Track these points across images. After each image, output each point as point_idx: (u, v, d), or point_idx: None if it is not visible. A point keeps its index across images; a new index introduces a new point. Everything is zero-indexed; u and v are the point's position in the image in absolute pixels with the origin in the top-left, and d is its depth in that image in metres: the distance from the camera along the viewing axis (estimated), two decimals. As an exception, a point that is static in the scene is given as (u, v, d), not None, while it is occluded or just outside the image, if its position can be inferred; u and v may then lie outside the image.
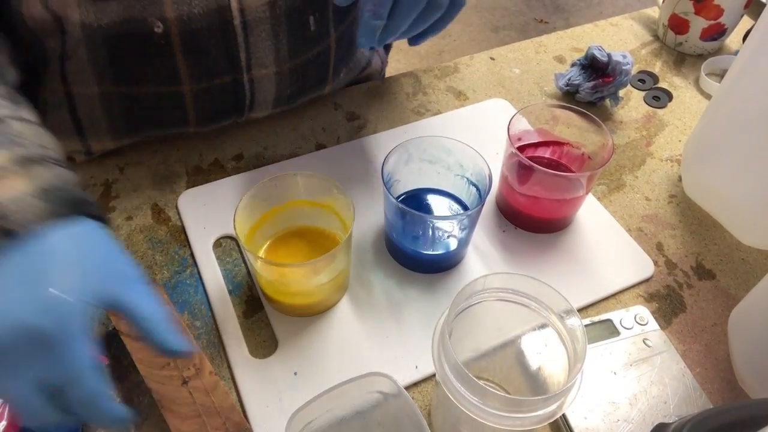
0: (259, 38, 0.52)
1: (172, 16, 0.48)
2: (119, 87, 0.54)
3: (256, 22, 0.51)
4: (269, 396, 0.45)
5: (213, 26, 0.50)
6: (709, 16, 0.72)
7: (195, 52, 0.51)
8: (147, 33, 0.49)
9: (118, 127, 0.57)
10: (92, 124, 0.57)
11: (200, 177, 0.60)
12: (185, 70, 0.52)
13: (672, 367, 0.47)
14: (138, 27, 0.48)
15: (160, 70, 0.52)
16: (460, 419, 0.39)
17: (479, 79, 0.72)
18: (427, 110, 0.68)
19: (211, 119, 0.59)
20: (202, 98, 0.55)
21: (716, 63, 0.73)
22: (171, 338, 0.34)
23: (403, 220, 0.49)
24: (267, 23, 0.52)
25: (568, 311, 0.38)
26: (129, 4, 0.47)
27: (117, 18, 0.48)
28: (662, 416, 0.44)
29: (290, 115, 0.65)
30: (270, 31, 0.52)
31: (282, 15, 0.52)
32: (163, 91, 0.54)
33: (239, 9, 0.50)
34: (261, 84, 0.56)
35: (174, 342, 0.34)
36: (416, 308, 0.50)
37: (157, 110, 0.56)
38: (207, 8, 0.49)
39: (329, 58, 0.60)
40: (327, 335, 0.48)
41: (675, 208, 0.60)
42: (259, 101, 0.58)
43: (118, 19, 0.48)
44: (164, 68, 0.52)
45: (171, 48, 0.50)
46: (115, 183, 0.59)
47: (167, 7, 0.48)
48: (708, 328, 0.51)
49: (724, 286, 0.54)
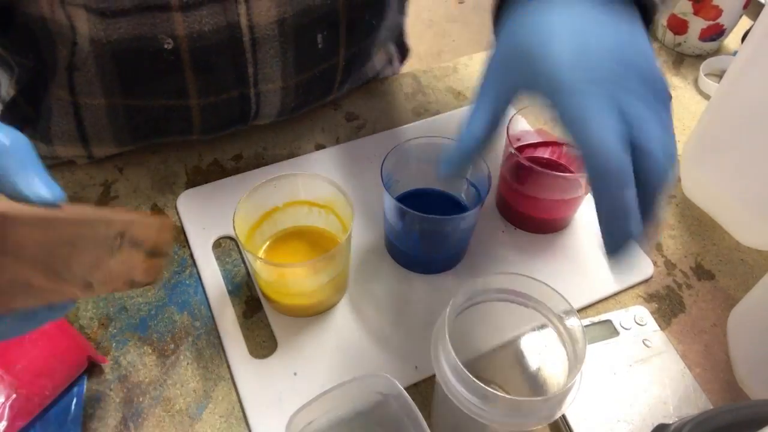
0: (267, 55, 0.53)
1: (183, 33, 0.48)
2: (126, 100, 0.54)
3: (265, 40, 0.51)
4: (269, 396, 0.45)
5: (222, 43, 0.50)
6: (707, 16, 0.72)
7: (204, 68, 0.51)
8: (157, 49, 0.49)
9: (123, 135, 0.58)
10: (97, 132, 0.57)
11: (200, 177, 0.60)
12: (194, 85, 0.53)
13: (672, 368, 0.47)
14: (148, 43, 0.48)
15: (168, 84, 0.52)
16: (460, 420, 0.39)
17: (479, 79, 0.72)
18: (426, 110, 0.68)
19: (215, 129, 0.59)
20: (208, 111, 0.56)
21: (715, 63, 0.73)
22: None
23: (403, 220, 0.49)
24: (276, 40, 0.52)
25: (567, 312, 0.38)
26: (139, 21, 0.47)
27: (127, 35, 0.48)
28: (662, 417, 0.44)
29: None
30: (278, 48, 0.52)
31: (290, 33, 0.52)
32: (170, 104, 0.54)
33: (248, 26, 0.50)
34: (267, 97, 0.57)
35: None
36: (416, 308, 0.50)
37: (163, 121, 0.56)
38: (217, 26, 0.49)
39: (336, 74, 0.60)
40: (327, 335, 0.48)
41: (674, 208, 0.60)
42: (263, 113, 0.59)
43: (127, 36, 0.48)
44: (173, 83, 0.52)
45: (180, 64, 0.50)
46: (114, 183, 0.59)
47: (178, 25, 0.48)
48: (707, 329, 0.51)
49: (724, 286, 0.54)
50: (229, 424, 0.44)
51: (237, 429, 0.44)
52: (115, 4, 0.46)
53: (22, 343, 0.43)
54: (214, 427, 0.44)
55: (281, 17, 0.50)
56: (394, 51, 0.73)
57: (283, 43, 0.52)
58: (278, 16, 0.50)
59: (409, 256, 0.52)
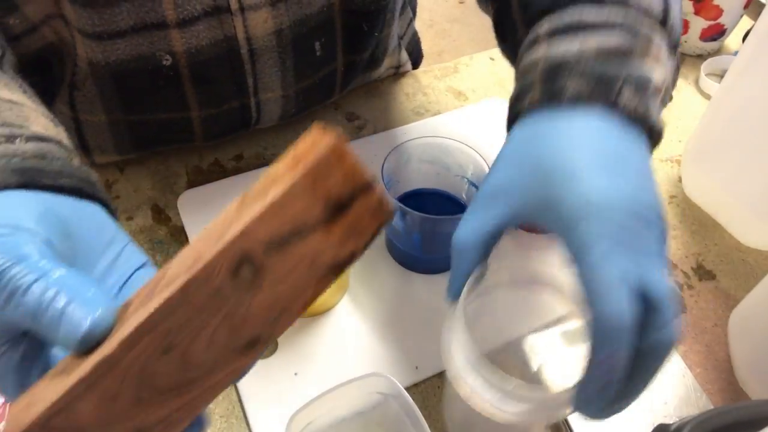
0: (266, 65, 0.53)
1: (181, 49, 0.48)
2: (128, 116, 0.54)
3: (263, 51, 0.51)
4: (269, 396, 0.45)
5: (221, 56, 0.50)
6: (708, 16, 0.72)
7: (203, 82, 0.52)
8: (156, 66, 0.49)
9: (125, 146, 0.58)
10: (99, 144, 0.57)
11: (200, 177, 0.60)
12: (194, 97, 0.53)
13: (672, 368, 0.47)
14: (146, 62, 0.48)
15: (169, 99, 0.52)
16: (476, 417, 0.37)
17: (479, 79, 0.72)
18: (426, 110, 0.68)
19: (217, 136, 0.60)
20: (209, 121, 0.56)
21: (716, 63, 0.73)
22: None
23: (403, 220, 0.49)
24: (274, 51, 0.52)
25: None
26: (137, 42, 0.47)
27: (125, 56, 0.48)
28: (662, 417, 0.44)
29: (290, 115, 0.65)
30: (277, 58, 0.53)
31: (288, 43, 0.52)
32: (171, 117, 0.54)
33: (246, 39, 0.50)
34: (267, 106, 0.57)
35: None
36: (416, 308, 0.50)
37: (165, 132, 0.57)
38: (214, 39, 0.49)
39: (336, 78, 0.60)
40: (327, 335, 0.48)
41: (675, 208, 0.60)
42: (265, 119, 0.59)
43: (125, 57, 0.48)
44: (173, 97, 0.52)
45: (180, 78, 0.50)
46: (115, 183, 0.59)
47: (175, 41, 0.48)
48: (708, 329, 0.51)
49: (725, 286, 0.54)
50: (229, 423, 0.44)
51: (237, 428, 0.44)
52: (110, 27, 0.46)
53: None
54: (215, 426, 0.44)
55: (278, 28, 0.50)
56: (405, 58, 0.72)
57: (281, 53, 0.52)
58: (275, 27, 0.50)
59: (409, 256, 0.52)
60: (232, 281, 0.20)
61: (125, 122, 0.55)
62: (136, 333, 0.19)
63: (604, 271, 0.28)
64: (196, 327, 0.20)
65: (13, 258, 0.23)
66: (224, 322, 0.21)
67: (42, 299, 0.22)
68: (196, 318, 0.20)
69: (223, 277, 0.20)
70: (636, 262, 0.29)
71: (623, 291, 0.28)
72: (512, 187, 0.33)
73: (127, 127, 0.55)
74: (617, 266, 0.28)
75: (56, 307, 0.21)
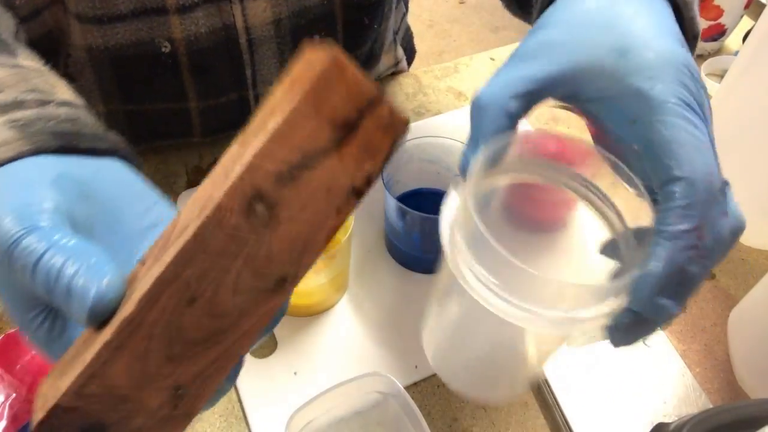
0: (264, 56, 0.53)
1: (180, 36, 0.48)
2: (126, 105, 0.54)
3: (262, 41, 0.51)
4: (269, 396, 0.45)
5: (219, 45, 0.50)
6: (709, 16, 0.72)
7: (202, 71, 0.52)
8: (154, 53, 0.49)
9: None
10: None
11: (200, 177, 0.60)
12: (192, 87, 0.53)
13: (671, 367, 0.47)
14: (145, 48, 0.49)
15: (167, 88, 0.52)
16: (458, 338, 0.31)
17: (479, 79, 0.72)
18: (427, 110, 0.68)
19: (215, 131, 0.59)
20: (208, 113, 0.56)
21: (716, 63, 0.73)
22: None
23: (403, 220, 0.49)
24: (272, 42, 0.52)
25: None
26: (137, 26, 0.47)
27: (124, 40, 0.48)
28: (662, 416, 0.44)
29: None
30: (275, 49, 0.53)
31: (287, 34, 0.52)
32: (169, 107, 0.54)
33: (245, 28, 0.50)
34: None
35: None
36: (416, 308, 0.50)
37: (163, 124, 0.57)
38: (213, 27, 0.49)
39: None
40: (327, 335, 0.48)
41: (675, 208, 0.60)
42: None
43: (125, 42, 0.48)
44: (171, 86, 0.52)
45: (178, 67, 0.51)
46: (115, 183, 0.59)
47: (174, 28, 0.48)
48: (708, 328, 0.51)
49: (724, 286, 0.54)
50: (228, 423, 0.44)
51: (237, 428, 0.44)
52: (111, 11, 0.46)
53: (22, 343, 0.43)
54: (214, 426, 0.44)
55: (277, 18, 0.51)
56: (402, 54, 0.73)
57: (280, 44, 0.52)
58: (274, 17, 0.50)
59: (409, 256, 0.52)
60: (247, 221, 0.19)
61: (123, 113, 0.54)
62: (155, 289, 0.19)
63: (694, 131, 0.27)
64: (218, 273, 0.20)
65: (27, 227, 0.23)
66: (247, 264, 0.20)
67: (49, 275, 0.22)
68: (217, 264, 0.19)
69: (237, 217, 0.19)
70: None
71: (712, 152, 0.27)
72: (561, 43, 0.29)
73: (125, 117, 0.55)
74: (700, 128, 0.27)
75: (63, 282, 0.21)
